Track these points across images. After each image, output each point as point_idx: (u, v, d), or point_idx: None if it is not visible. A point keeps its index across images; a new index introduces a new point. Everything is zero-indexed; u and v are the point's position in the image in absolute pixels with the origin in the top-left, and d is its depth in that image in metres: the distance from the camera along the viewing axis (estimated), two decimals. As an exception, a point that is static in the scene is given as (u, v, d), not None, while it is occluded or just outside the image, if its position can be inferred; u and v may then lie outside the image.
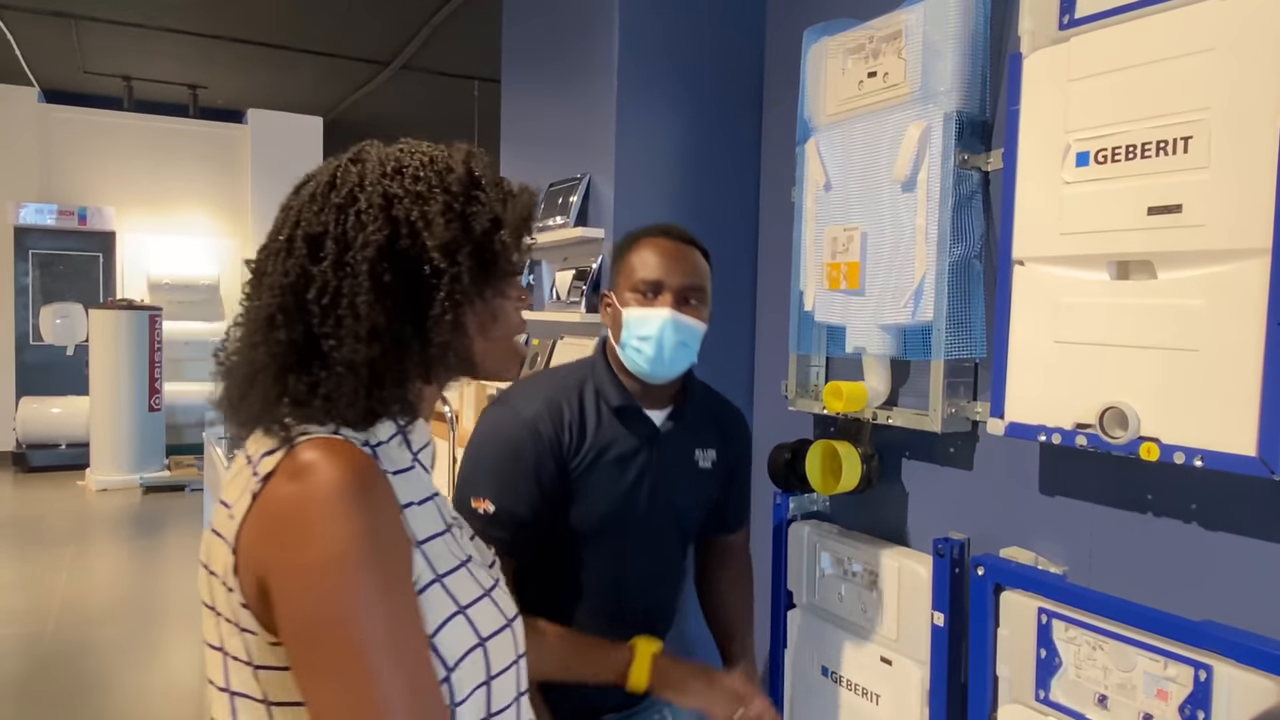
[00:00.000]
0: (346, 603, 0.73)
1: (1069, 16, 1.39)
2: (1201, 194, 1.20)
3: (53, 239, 8.31)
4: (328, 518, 0.74)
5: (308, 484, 0.75)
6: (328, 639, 0.73)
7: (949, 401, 1.64)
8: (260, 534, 0.77)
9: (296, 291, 0.82)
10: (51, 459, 7.87)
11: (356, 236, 0.82)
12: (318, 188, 0.86)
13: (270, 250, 0.86)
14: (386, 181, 0.84)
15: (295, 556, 0.74)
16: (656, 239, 1.53)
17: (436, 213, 0.84)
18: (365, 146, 0.90)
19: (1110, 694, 1.35)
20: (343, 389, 0.80)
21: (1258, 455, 1.14)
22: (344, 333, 0.80)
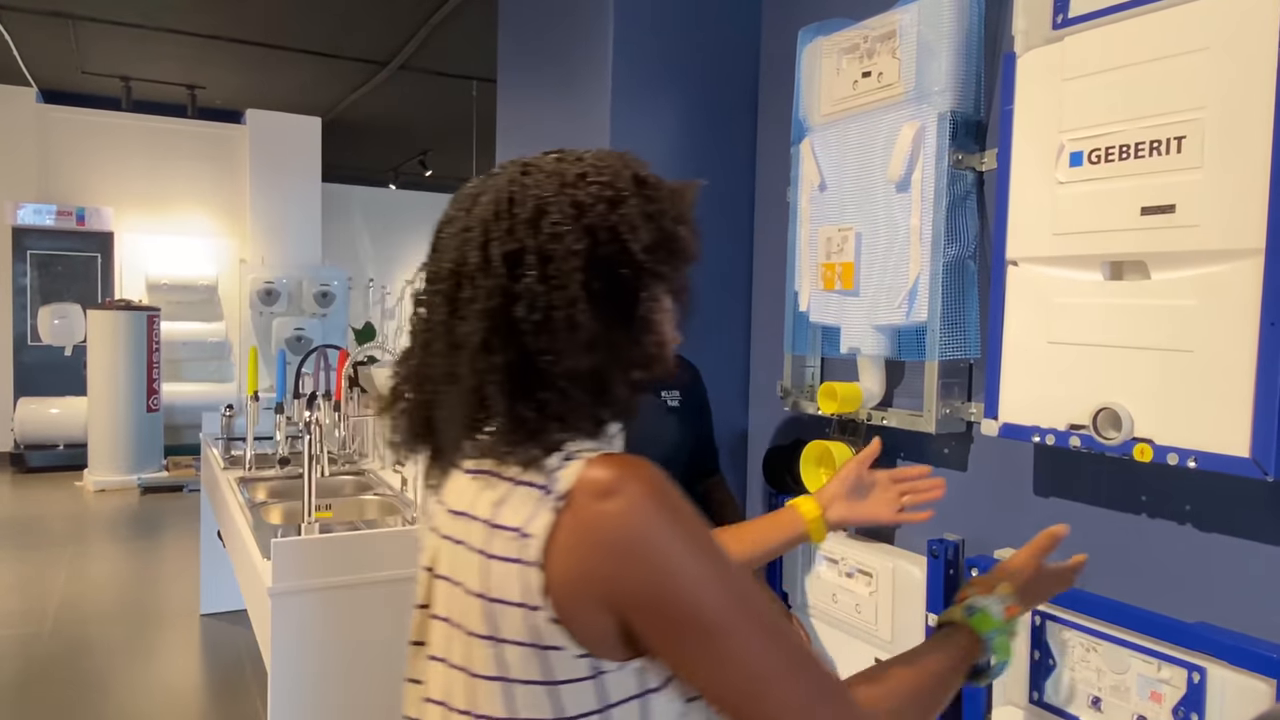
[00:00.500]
0: (707, 586, 0.77)
1: (1063, 16, 1.38)
2: (1195, 194, 1.19)
3: (51, 239, 8.30)
4: (658, 521, 0.78)
5: (626, 499, 0.78)
6: (703, 621, 0.77)
7: (943, 402, 1.64)
8: (596, 553, 0.78)
9: (505, 313, 0.81)
10: (49, 459, 7.87)
11: (557, 248, 0.82)
12: (498, 205, 0.85)
13: (460, 274, 0.84)
14: (572, 190, 0.85)
15: (648, 563, 0.77)
16: None
17: (635, 215, 0.84)
18: (528, 160, 0.90)
19: (1104, 696, 1.35)
20: (571, 402, 0.82)
21: (1251, 456, 1.14)
22: (561, 345, 0.81)
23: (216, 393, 8.27)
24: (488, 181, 0.89)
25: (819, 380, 1.96)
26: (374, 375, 3.93)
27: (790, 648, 0.80)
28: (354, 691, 2.19)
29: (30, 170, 8.32)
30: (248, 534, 2.54)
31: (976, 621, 0.98)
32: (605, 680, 0.80)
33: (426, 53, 6.77)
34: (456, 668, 0.85)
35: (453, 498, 0.89)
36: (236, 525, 2.76)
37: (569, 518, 0.78)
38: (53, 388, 8.07)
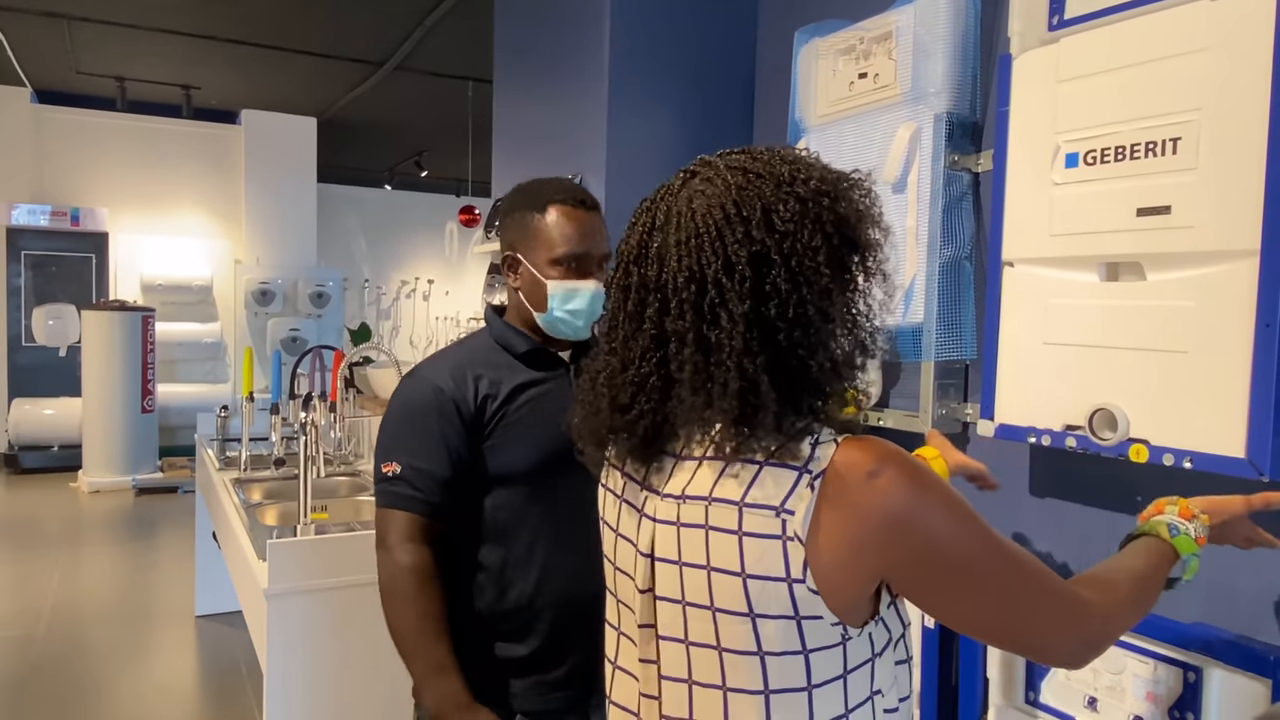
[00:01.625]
0: (978, 535, 0.85)
1: (1058, 17, 1.39)
2: (1190, 195, 1.19)
3: (45, 240, 8.28)
4: (921, 491, 0.84)
5: (890, 478, 0.83)
6: (985, 567, 0.86)
7: (939, 403, 1.64)
8: (872, 527, 0.84)
9: (758, 313, 0.85)
10: (44, 461, 7.84)
11: (795, 245, 0.85)
12: (724, 211, 0.87)
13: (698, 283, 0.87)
14: (790, 189, 0.87)
15: (920, 528, 0.83)
16: (570, 208, 1.53)
17: (854, 206, 0.89)
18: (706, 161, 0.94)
19: (1100, 696, 1.35)
20: (832, 388, 0.87)
21: (1246, 457, 1.14)
22: (818, 339, 0.85)
23: (211, 393, 8.26)
24: (689, 185, 0.91)
25: (815, 381, 1.96)
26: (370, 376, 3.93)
27: (1040, 575, 0.89)
28: (349, 693, 2.18)
29: (25, 170, 8.30)
30: (243, 535, 2.54)
31: (1179, 542, 1.04)
32: (849, 646, 0.88)
33: (422, 53, 6.76)
34: (702, 645, 0.90)
35: (676, 484, 0.92)
36: (232, 526, 2.76)
37: (831, 496, 0.84)
38: (47, 389, 8.04)
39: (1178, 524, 1.06)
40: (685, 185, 0.92)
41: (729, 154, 0.95)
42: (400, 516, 1.45)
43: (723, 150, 0.96)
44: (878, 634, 0.90)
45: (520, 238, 1.55)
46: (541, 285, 1.52)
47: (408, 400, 1.52)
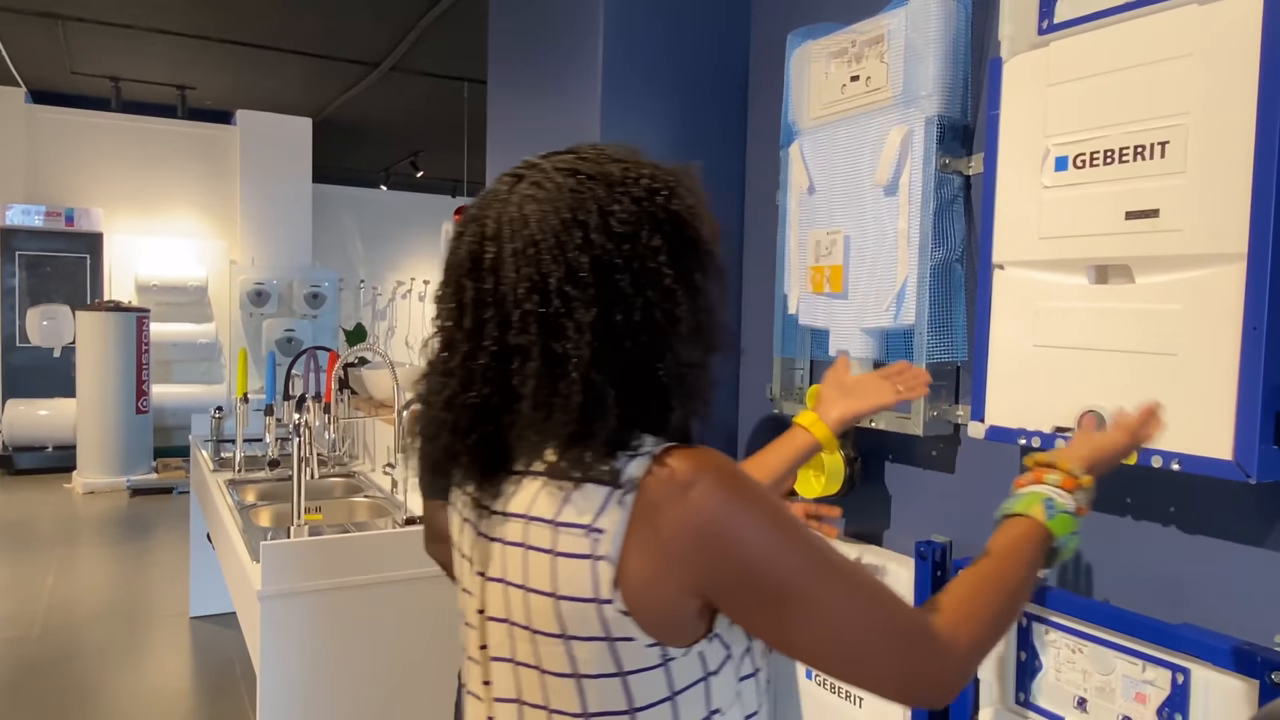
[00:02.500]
0: (798, 553, 0.81)
1: (1048, 21, 1.39)
2: (1178, 199, 1.20)
3: (40, 240, 8.27)
4: (738, 502, 0.80)
5: (704, 490, 0.80)
6: (800, 588, 0.80)
7: (931, 405, 1.65)
8: (686, 544, 0.80)
9: (605, 320, 0.82)
10: (38, 461, 7.83)
11: (635, 248, 0.83)
12: (557, 217, 0.83)
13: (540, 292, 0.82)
14: (623, 188, 0.86)
15: (736, 545, 0.79)
16: None
17: (692, 206, 0.88)
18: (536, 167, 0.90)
19: (1089, 697, 1.36)
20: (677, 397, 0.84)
21: (1234, 459, 1.15)
22: (666, 345, 0.83)
23: (206, 394, 8.26)
24: (516, 189, 0.87)
25: (808, 383, 1.97)
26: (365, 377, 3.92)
27: (877, 602, 0.84)
28: (343, 694, 2.19)
29: (19, 171, 8.29)
30: (237, 536, 2.54)
31: (1057, 524, 0.97)
32: (672, 667, 0.83)
33: (417, 54, 6.76)
34: (526, 665, 0.88)
35: (505, 501, 0.89)
36: (226, 527, 2.76)
37: (644, 512, 0.80)
38: (41, 389, 8.03)
39: (1055, 499, 0.98)
40: (513, 190, 0.87)
41: (555, 155, 0.91)
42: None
43: (548, 152, 0.92)
44: (712, 651, 0.85)
45: None
46: None
47: None
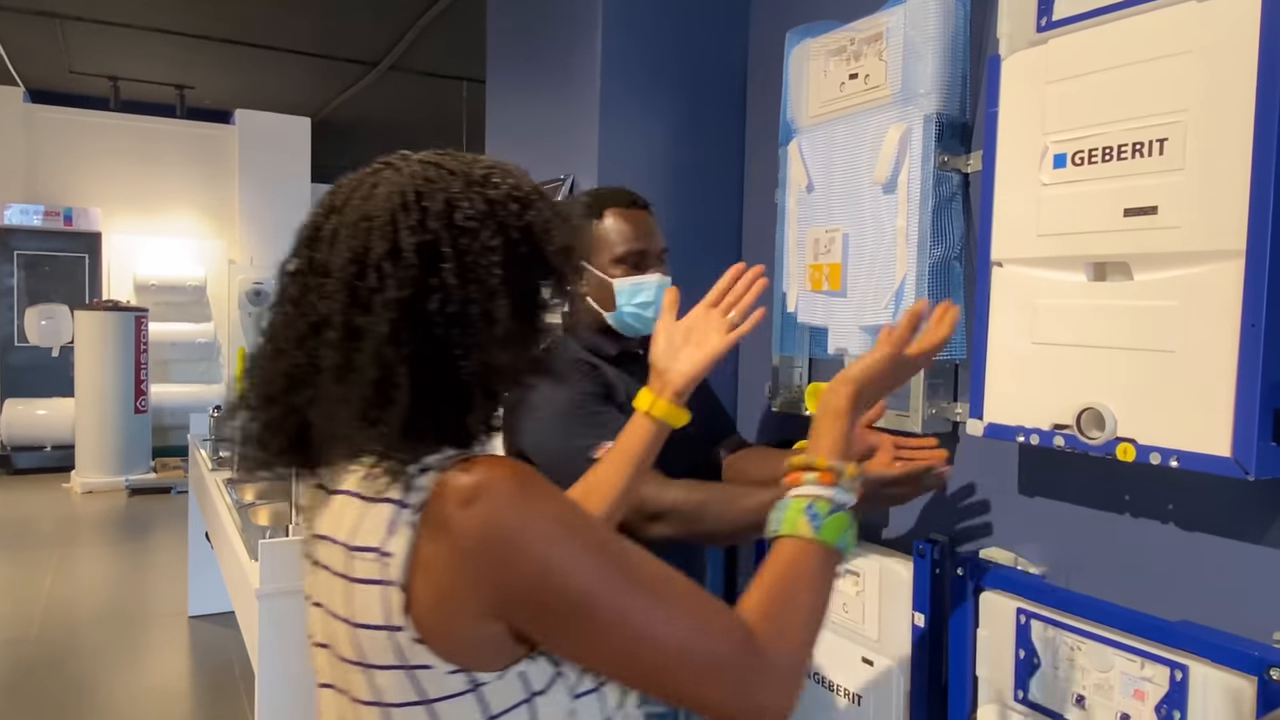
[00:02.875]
0: (589, 573, 0.75)
1: (1047, 19, 1.39)
2: (1177, 196, 1.20)
3: (38, 240, 8.26)
4: (526, 517, 0.76)
5: (490, 500, 0.75)
6: (592, 611, 0.75)
7: (929, 402, 1.64)
8: (465, 562, 0.75)
9: (415, 306, 0.79)
10: (37, 461, 7.83)
11: (472, 243, 0.81)
12: (404, 198, 0.82)
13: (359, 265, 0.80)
14: (479, 189, 0.84)
15: (522, 563, 0.75)
16: (625, 210, 1.65)
17: (545, 219, 0.85)
18: (402, 156, 0.89)
19: (1088, 694, 1.36)
20: (474, 399, 0.81)
21: (1232, 456, 1.15)
22: (475, 341, 0.79)
23: (205, 394, 8.25)
24: (379, 174, 0.86)
25: (807, 380, 1.97)
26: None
27: (689, 613, 0.78)
28: (342, 693, 2.18)
29: (17, 170, 8.28)
30: (235, 535, 2.54)
31: (827, 532, 0.86)
32: (485, 692, 0.79)
33: (416, 53, 6.76)
34: (340, 691, 0.85)
35: (317, 520, 0.87)
36: (224, 527, 2.76)
37: (430, 531, 0.75)
38: (40, 389, 8.03)
39: (817, 504, 0.87)
40: (376, 174, 0.87)
41: (431, 152, 0.90)
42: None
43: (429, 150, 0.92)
44: (536, 670, 0.81)
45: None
46: (607, 285, 1.62)
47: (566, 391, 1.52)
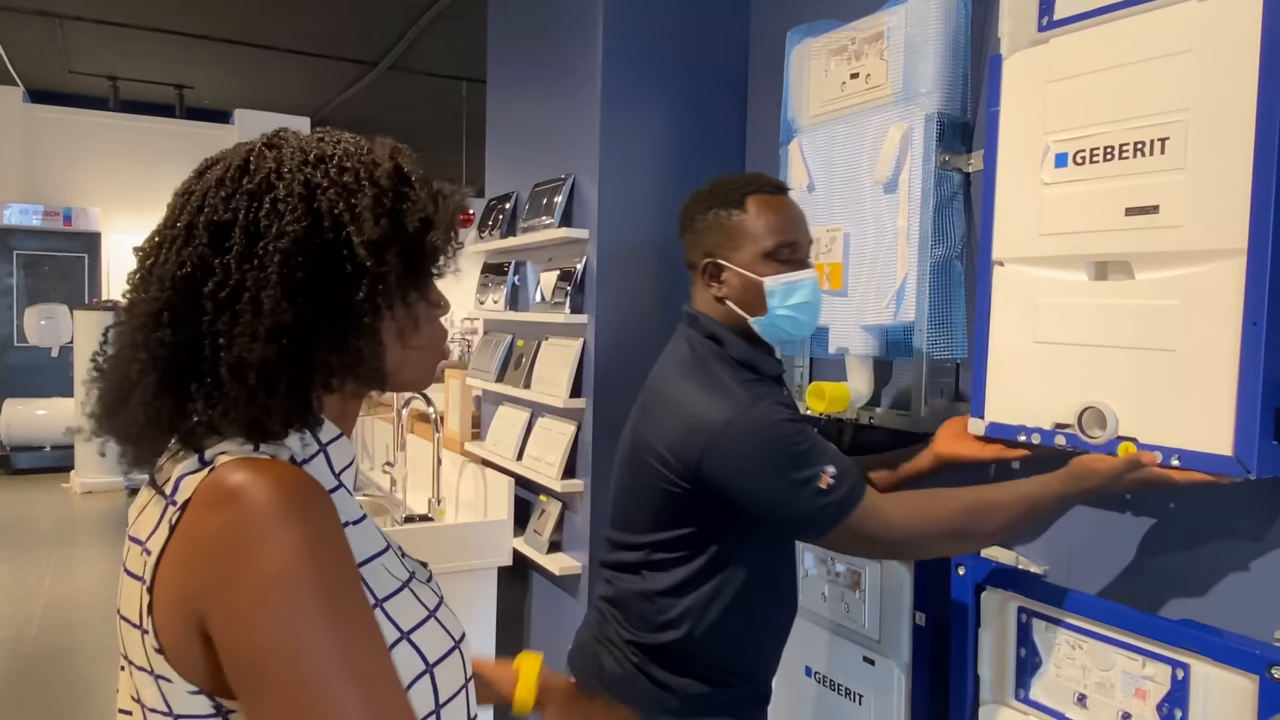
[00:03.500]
0: (293, 632, 0.66)
1: (1048, 18, 1.39)
2: (1178, 195, 1.20)
3: (38, 239, 8.26)
4: (264, 542, 0.67)
5: (239, 509, 0.68)
6: (275, 673, 0.66)
7: (931, 402, 1.65)
8: (191, 570, 0.69)
9: (191, 285, 0.73)
10: (36, 461, 7.82)
11: (271, 226, 0.74)
12: (227, 171, 0.78)
13: (164, 239, 0.77)
14: (309, 169, 0.77)
15: (235, 589, 0.67)
16: (774, 196, 1.43)
17: (365, 206, 0.76)
18: (281, 132, 0.82)
19: (1089, 693, 1.36)
20: (227, 395, 0.72)
21: (1233, 455, 1.15)
22: (238, 330, 0.72)
23: (205, 394, 8.22)
24: (240, 147, 0.81)
25: (807, 380, 1.97)
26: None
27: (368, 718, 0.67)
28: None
29: (17, 170, 8.27)
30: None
31: None
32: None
33: (416, 53, 6.76)
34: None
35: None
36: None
37: (178, 533, 0.70)
38: (39, 389, 8.02)
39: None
40: (238, 146, 0.82)
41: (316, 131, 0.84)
42: (865, 500, 1.31)
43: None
44: None
45: (720, 240, 1.42)
46: (755, 285, 1.40)
47: (778, 424, 1.33)
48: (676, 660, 1.43)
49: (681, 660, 1.42)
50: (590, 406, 2.29)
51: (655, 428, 1.41)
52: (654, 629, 1.43)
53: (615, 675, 1.46)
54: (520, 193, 2.70)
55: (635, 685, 1.43)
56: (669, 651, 1.43)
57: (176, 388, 0.74)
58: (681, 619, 1.41)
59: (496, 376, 2.71)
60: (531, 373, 2.52)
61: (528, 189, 2.61)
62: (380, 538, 0.84)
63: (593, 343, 2.29)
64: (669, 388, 1.44)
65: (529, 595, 2.65)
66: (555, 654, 2.51)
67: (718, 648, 1.43)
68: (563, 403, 2.29)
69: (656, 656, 1.43)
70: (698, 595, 1.41)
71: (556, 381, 2.35)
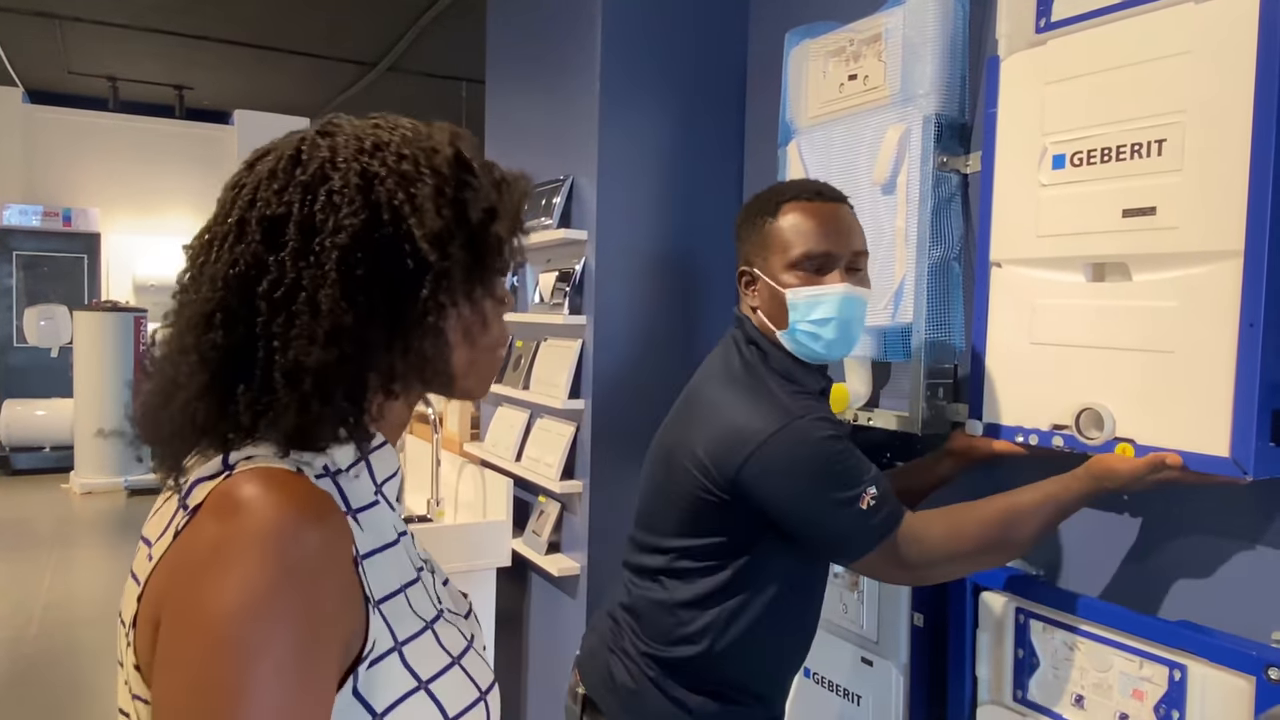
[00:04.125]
0: (229, 674, 0.59)
1: (1046, 20, 1.39)
2: (1175, 197, 1.20)
3: (37, 240, 8.25)
4: (240, 565, 0.60)
5: (234, 525, 0.62)
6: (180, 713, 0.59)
7: (929, 403, 1.65)
8: (168, 581, 0.64)
9: (245, 284, 0.69)
10: (36, 462, 7.81)
11: (327, 220, 0.69)
12: (279, 162, 0.72)
13: (215, 236, 0.73)
14: (365, 158, 0.71)
15: (189, 610, 0.61)
16: (808, 202, 1.37)
17: (426, 197, 0.71)
18: (335, 118, 0.76)
19: (1087, 694, 1.36)
20: (279, 400, 0.67)
21: (1230, 456, 1.15)
22: (295, 333, 0.67)
23: (204, 394, 8.22)
24: (292, 136, 0.76)
25: (806, 381, 1.97)
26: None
27: None
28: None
29: (16, 171, 8.27)
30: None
31: None
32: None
33: (416, 54, 6.76)
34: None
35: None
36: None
37: (184, 536, 0.65)
38: (39, 389, 8.01)
39: None
40: (289, 135, 0.76)
41: (371, 117, 0.78)
42: (904, 522, 1.28)
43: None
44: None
45: (755, 249, 1.39)
46: (778, 296, 1.36)
47: (822, 440, 1.29)
48: (693, 676, 1.38)
49: (698, 677, 1.38)
50: (589, 407, 2.30)
51: (697, 432, 1.37)
52: (672, 642, 1.38)
53: (627, 688, 1.41)
54: (519, 194, 2.69)
55: (647, 699, 1.39)
56: (686, 667, 1.38)
57: (224, 391, 0.69)
58: (702, 634, 1.36)
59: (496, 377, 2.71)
60: (530, 373, 2.52)
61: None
62: (410, 566, 0.78)
63: (591, 344, 2.29)
64: (714, 393, 1.39)
65: (528, 596, 2.65)
66: (552, 654, 2.52)
67: (736, 666, 1.38)
68: (561, 404, 2.29)
69: (673, 671, 1.39)
70: (721, 610, 1.36)
71: (555, 382, 2.35)
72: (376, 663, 0.69)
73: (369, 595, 0.69)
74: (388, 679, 0.69)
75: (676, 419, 1.45)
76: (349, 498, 0.73)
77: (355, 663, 0.67)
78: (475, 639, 0.83)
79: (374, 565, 0.72)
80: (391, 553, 0.75)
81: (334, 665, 0.65)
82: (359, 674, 0.67)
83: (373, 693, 0.68)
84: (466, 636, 0.81)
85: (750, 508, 1.31)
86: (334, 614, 0.65)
